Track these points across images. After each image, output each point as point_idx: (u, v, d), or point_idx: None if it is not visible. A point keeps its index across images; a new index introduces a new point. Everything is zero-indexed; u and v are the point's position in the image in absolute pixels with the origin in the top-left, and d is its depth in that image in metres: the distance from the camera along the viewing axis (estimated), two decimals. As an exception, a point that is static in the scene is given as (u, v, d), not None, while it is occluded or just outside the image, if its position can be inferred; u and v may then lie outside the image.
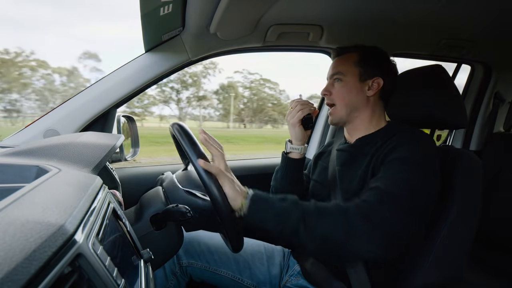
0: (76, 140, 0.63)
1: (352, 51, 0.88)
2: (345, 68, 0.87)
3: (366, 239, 0.63)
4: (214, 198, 0.64)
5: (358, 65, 0.86)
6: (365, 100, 0.87)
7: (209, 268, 0.94)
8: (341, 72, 0.87)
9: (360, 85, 0.86)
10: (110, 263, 0.34)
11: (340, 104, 0.87)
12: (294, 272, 0.93)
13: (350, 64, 0.87)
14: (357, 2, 0.97)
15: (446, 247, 0.79)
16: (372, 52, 0.88)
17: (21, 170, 0.51)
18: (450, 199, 0.79)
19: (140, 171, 1.22)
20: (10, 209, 0.29)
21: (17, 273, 0.21)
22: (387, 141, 0.79)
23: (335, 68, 0.89)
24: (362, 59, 0.86)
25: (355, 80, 0.86)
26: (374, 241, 0.63)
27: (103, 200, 0.44)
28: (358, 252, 0.64)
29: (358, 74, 0.86)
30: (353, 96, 0.86)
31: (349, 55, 0.88)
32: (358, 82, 0.86)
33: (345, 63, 0.87)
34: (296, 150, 0.92)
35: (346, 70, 0.86)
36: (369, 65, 0.86)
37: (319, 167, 0.98)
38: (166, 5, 0.82)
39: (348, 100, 0.86)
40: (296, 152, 0.93)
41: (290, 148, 0.93)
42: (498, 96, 1.60)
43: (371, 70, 0.86)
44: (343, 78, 0.86)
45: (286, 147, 0.94)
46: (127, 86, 1.02)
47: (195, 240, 0.96)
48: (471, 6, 0.99)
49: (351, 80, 0.86)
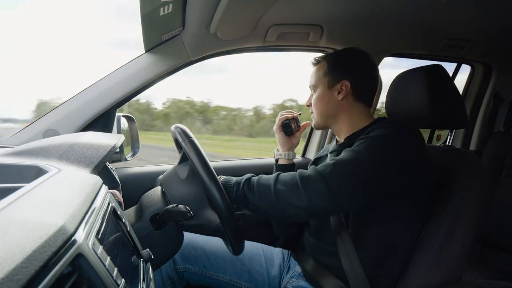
0: (76, 140, 0.63)
1: (322, 60, 0.92)
2: (316, 79, 0.92)
3: (296, 204, 0.70)
4: (214, 199, 0.64)
5: (326, 74, 0.90)
6: (338, 104, 0.89)
7: (206, 273, 0.94)
8: (313, 84, 0.93)
9: (329, 92, 0.89)
10: (110, 263, 0.34)
11: (316, 113, 0.93)
12: (295, 273, 0.93)
13: (319, 75, 0.91)
14: (357, 2, 0.97)
15: (445, 247, 0.79)
16: (341, 57, 0.91)
17: (21, 170, 0.51)
18: (450, 199, 0.79)
19: (140, 171, 1.22)
20: (10, 209, 0.29)
21: (17, 273, 0.21)
22: (367, 129, 0.81)
23: (310, 80, 0.95)
24: (329, 67, 0.90)
25: (324, 89, 0.90)
26: (304, 207, 0.70)
27: (103, 200, 0.44)
28: (289, 204, 0.71)
29: (326, 83, 0.90)
30: (324, 104, 0.90)
31: (319, 66, 0.93)
32: (327, 90, 0.90)
33: (316, 75, 0.92)
34: (282, 156, 1.01)
35: (316, 82, 0.92)
36: (335, 71, 0.89)
37: None
38: (166, 5, 0.82)
39: (321, 108, 0.91)
40: (282, 158, 1.01)
41: (277, 154, 1.02)
42: (498, 96, 1.60)
43: (337, 75, 0.89)
44: (315, 89, 0.92)
45: (274, 154, 1.03)
46: (127, 86, 1.02)
47: (191, 245, 0.96)
48: (471, 6, 0.99)
49: (320, 89, 0.91)
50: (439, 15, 1.05)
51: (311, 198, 0.68)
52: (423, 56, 1.40)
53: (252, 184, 0.77)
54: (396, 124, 0.78)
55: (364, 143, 0.74)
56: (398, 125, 0.78)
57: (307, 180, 0.70)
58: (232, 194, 0.79)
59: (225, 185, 0.80)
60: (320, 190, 0.68)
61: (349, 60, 0.91)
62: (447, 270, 0.80)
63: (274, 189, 0.73)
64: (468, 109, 1.63)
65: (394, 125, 0.78)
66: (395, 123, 0.79)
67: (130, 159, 1.11)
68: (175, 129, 0.72)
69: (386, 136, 0.74)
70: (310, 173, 0.72)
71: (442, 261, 0.79)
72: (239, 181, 0.80)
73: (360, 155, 0.72)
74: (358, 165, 0.71)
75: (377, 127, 0.78)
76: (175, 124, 0.73)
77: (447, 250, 0.79)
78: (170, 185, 0.78)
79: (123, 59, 1.03)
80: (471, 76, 1.62)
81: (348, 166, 0.71)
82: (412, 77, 0.92)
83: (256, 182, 0.77)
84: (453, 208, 0.79)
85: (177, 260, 0.94)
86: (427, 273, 0.78)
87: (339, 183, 0.69)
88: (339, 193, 0.69)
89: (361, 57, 0.90)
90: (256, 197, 0.75)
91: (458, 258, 0.81)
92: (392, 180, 0.73)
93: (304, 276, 0.91)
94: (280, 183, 0.73)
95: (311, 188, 0.69)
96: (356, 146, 0.75)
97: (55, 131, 0.95)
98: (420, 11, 1.03)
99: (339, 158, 0.73)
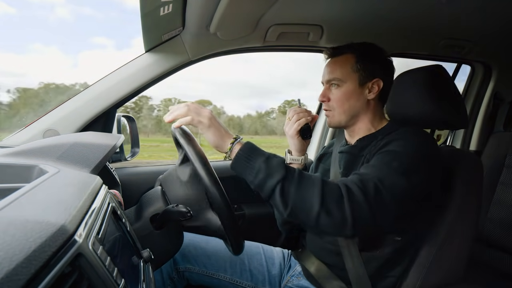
0: (76, 140, 0.63)
1: (347, 52, 0.83)
2: (343, 73, 0.82)
3: (336, 216, 0.61)
4: (215, 199, 0.64)
5: (356, 68, 0.81)
6: (366, 104, 0.83)
7: (206, 273, 0.94)
8: (339, 78, 0.82)
9: (359, 90, 0.82)
10: (110, 263, 0.34)
11: (340, 110, 0.83)
12: (295, 272, 0.93)
13: (347, 69, 0.82)
14: (357, 2, 0.97)
15: (446, 247, 0.79)
16: (369, 52, 0.84)
17: (21, 170, 0.51)
18: (450, 199, 0.79)
19: (140, 171, 1.22)
20: (10, 209, 0.29)
21: (17, 273, 0.21)
22: (385, 137, 0.77)
23: (331, 73, 0.83)
24: (359, 62, 0.82)
25: (354, 85, 0.82)
26: (342, 220, 0.60)
27: (103, 200, 0.44)
28: (326, 226, 0.61)
29: (357, 79, 0.82)
30: (354, 102, 0.82)
31: (345, 58, 0.83)
32: (358, 87, 0.82)
33: (343, 68, 0.82)
34: (297, 161, 0.89)
35: (344, 76, 0.82)
36: (367, 67, 0.81)
37: (320, 169, 0.98)
38: (166, 5, 0.82)
39: (348, 106, 0.82)
40: (296, 163, 0.89)
41: (290, 159, 0.88)
42: (498, 96, 1.60)
43: (370, 72, 0.82)
44: (341, 84, 0.82)
45: (286, 158, 0.88)
46: (127, 86, 1.02)
47: (191, 244, 0.96)
48: (471, 6, 0.99)
49: (350, 86, 0.82)
50: (439, 15, 1.05)
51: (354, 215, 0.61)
52: (423, 56, 1.40)
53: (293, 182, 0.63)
54: (422, 136, 0.75)
55: (397, 162, 0.67)
56: (423, 136, 0.75)
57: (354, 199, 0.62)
58: (252, 179, 0.64)
59: (245, 159, 0.65)
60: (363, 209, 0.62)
61: (378, 57, 0.84)
62: (447, 270, 0.80)
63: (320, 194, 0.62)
64: (468, 109, 1.63)
65: (419, 137, 0.75)
66: (420, 134, 0.76)
67: (130, 159, 1.11)
68: (175, 129, 0.72)
69: (418, 152, 0.70)
70: (356, 193, 0.63)
71: (442, 261, 0.79)
72: (270, 173, 0.63)
73: (400, 181, 0.65)
74: (401, 193, 0.65)
75: (399, 138, 0.73)
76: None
77: (447, 250, 0.79)
78: (171, 186, 0.78)
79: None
80: (471, 76, 1.62)
81: (392, 197, 0.64)
82: (412, 77, 0.92)
83: (297, 180, 0.63)
84: (453, 208, 0.79)
85: (178, 259, 0.94)
86: (427, 273, 0.78)
87: (382, 212, 0.63)
88: (381, 219, 0.63)
89: (384, 54, 0.86)
90: (292, 198, 0.63)
91: (458, 258, 0.81)
92: (427, 192, 0.71)
93: (304, 275, 0.91)
94: (326, 189, 0.63)
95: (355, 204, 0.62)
96: (391, 169, 0.66)
97: (55, 131, 0.95)
98: (420, 11, 1.03)
99: (378, 180, 0.64)
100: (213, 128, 0.67)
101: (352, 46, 0.84)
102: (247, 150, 0.66)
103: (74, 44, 57.27)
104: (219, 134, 0.68)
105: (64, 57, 32.66)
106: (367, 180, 0.64)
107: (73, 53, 32.36)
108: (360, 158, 0.82)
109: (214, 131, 0.67)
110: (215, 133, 0.67)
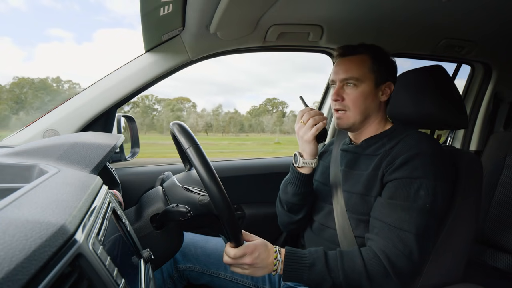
0: (76, 140, 0.63)
1: (363, 52, 0.83)
2: (361, 73, 0.81)
3: (386, 285, 0.71)
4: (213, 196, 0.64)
5: (373, 70, 0.81)
6: (378, 105, 0.85)
7: (206, 271, 0.94)
8: (356, 77, 0.81)
9: (375, 91, 0.83)
10: (110, 263, 0.34)
11: (355, 111, 0.82)
12: None
13: (365, 69, 0.81)
14: (357, 2, 0.97)
15: (446, 247, 0.79)
16: (380, 54, 0.84)
17: (21, 170, 0.51)
18: (450, 199, 0.79)
19: (140, 171, 1.22)
20: (10, 209, 0.29)
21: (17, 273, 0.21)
22: (396, 145, 0.79)
23: (347, 72, 0.82)
24: (375, 63, 0.82)
25: (371, 86, 0.82)
26: (392, 285, 0.71)
27: (103, 200, 0.44)
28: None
29: (374, 80, 0.82)
30: (370, 102, 0.82)
31: (361, 58, 0.82)
32: (374, 88, 0.82)
33: (360, 68, 0.81)
34: (309, 165, 0.85)
35: (362, 76, 0.81)
36: (381, 69, 0.82)
37: (321, 166, 0.98)
38: (166, 5, 0.82)
39: (365, 107, 0.82)
40: (309, 167, 0.85)
41: (303, 163, 0.84)
42: (498, 96, 1.60)
43: (383, 74, 0.83)
44: (358, 84, 0.81)
45: (298, 161, 0.85)
46: (127, 86, 1.02)
47: (191, 244, 0.96)
48: (471, 6, 0.99)
49: (367, 86, 0.81)
50: (439, 15, 1.05)
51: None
52: (423, 56, 1.40)
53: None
54: (433, 142, 0.77)
55: (422, 200, 0.72)
56: (434, 142, 0.77)
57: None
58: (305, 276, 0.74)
59: (295, 263, 0.75)
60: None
61: (389, 60, 0.86)
62: (447, 270, 0.80)
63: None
64: (468, 109, 1.63)
65: (431, 145, 0.76)
66: (431, 141, 0.77)
67: (130, 159, 1.11)
68: (173, 126, 0.71)
69: (438, 173, 0.74)
70: (399, 263, 0.71)
71: (442, 261, 0.79)
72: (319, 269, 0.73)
73: (431, 222, 0.72)
74: (434, 229, 0.74)
75: (415, 156, 0.74)
76: (173, 121, 0.72)
77: (447, 250, 0.79)
78: (175, 196, 0.77)
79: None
80: (471, 76, 1.62)
81: (430, 239, 0.74)
82: (412, 77, 0.92)
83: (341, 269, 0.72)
84: (453, 208, 0.79)
85: (178, 258, 0.94)
86: (426, 273, 0.78)
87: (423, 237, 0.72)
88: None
89: (391, 58, 0.87)
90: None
91: (458, 258, 0.81)
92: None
93: None
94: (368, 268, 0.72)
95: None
96: (421, 212, 0.71)
97: (55, 131, 0.95)
98: (420, 11, 1.03)
99: (416, 233, 0.70)
100: (260, 270, 0.74)
101: (366, 46, 0.84)
102: (292, 264, 0.75)
103: (30, 36, 59.27)
104: (263, 266, 0.74)
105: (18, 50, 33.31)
106: (408, 240, 0.70)
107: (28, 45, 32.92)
108: (367, 159, 0.83)
109: (262, 270, 0.74)
110: (264, 271, 0.75)
